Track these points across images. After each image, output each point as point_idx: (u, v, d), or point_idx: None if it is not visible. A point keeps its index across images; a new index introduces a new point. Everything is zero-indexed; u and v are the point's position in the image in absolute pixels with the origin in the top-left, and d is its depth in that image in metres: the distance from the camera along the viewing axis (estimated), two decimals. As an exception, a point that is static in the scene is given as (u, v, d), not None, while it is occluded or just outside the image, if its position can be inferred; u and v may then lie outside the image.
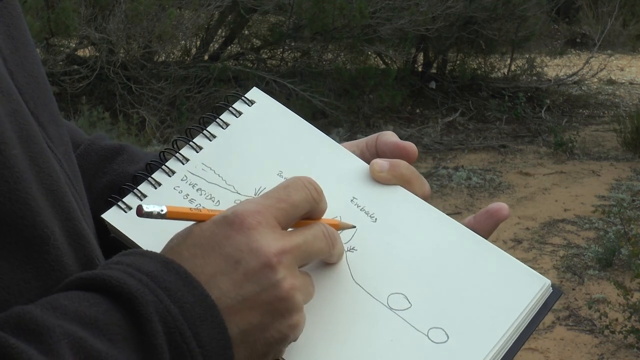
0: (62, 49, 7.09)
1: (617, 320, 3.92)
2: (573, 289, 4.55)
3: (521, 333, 0.74)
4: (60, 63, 6.86)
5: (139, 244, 0.77)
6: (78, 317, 0.58)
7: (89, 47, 7.40)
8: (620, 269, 4.75)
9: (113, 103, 7.02)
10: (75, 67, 6.99)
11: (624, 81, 10.83)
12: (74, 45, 7.28)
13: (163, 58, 7.65)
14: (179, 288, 0.61)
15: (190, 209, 0.67)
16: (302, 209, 0.69)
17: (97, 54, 6.97)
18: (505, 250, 0.78)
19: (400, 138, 0.85)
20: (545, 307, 0.76)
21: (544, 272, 4.71)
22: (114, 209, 0.80)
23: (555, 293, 0.77)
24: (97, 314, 0.58)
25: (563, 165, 7.08)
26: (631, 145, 7.33)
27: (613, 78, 10.75)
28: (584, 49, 11.64)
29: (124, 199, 0.80)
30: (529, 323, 0.74)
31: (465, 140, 7.89)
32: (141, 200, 0.80)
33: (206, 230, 0.65)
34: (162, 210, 0.65)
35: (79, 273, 0.62)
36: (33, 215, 0.59)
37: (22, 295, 0.59)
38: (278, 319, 0.65)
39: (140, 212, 0.64)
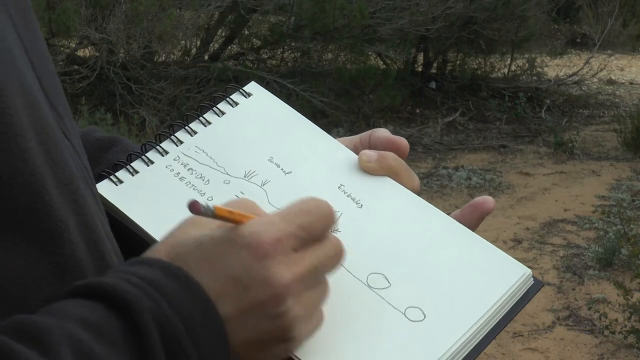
0: (62, 49, 7.09)
1: (617, 320, 3.92)
2: (573, 289, 4.55)
3: (499, 320, 0.75)
4: (61, 63, 6.85)
5: (127, 214, 0.80)
6: (80, 319, 0.57)
7: (89, 47, 7.40)
8: (620, 269, 4.75)
9: (113, 103, 7.02)
10: (76, 67, 6.99)
11: (624, 81, 10.83)
12: (74, 46, 7.28)
13: (163, 58, 7.65)
14: (178, 293, 0.60)
15: (232, 211, 0.64)
16: (317, 238, 0.66)
17: (97, 54, 6.97)
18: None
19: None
20: (526, 298, 0.77)
21: (544, 272, 4.71)
22: (105, 181, 0.82)
23: (536, 284, 0.78)
24: (98, 318, 0.58)
25: (563, 165, 7.08)
26: (631, 145, 7.33)
27: (613, 78, 10.75)
28: (584, 49, 11.64)
29: (116, 173, 0.83)
30: (507, 311, 0.75)
31: (465, 140, 7.89)
32: (133, 175, 0.83)
33: (219, 245, 0.63)
34: (211, 208, 0.62)
35: (77, 281, 0.61)
36: (47, 208, 0.59)
37: (40, 291, 0.59)
38: (276, 344, 0.64)
39: (196, 208, 0.61)
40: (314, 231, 0.66)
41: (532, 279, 0.78)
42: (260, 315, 0.62)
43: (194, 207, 0.61)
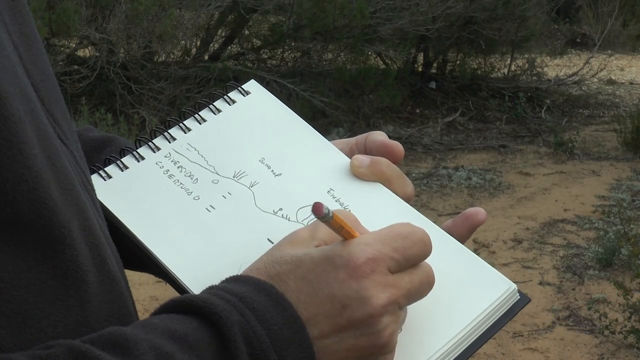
0: (62, 49, 7.09)
1: (617, 320, 3.92)
2: (573, 289, 4.55)
3: (481, 334, 0.73)
4: (61, 63, 6.86)
5: (111, 209, 0.80)
6: (168, 331, 0.59)
7: (89, 47, 7.40)
8: (620, 269, 4.75)
9: (113, 103, 7.02)
10: (76, 67, 6.99)
11: (624, 81, 10.83)
12: (74, 46, 7.28)
13: (163, 58, 7.65)
14: (267, 309, 0.62)
15: (344, 224, 0.66)
16: (412, 263, 0.68)
17: (97, 54, 6.97)
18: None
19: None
20: (511, 312, 0.75)
21: (544, 272, 4.71)
22: (94, 176, 0.82)
23: (523, 299, 0.76)
24: (186, 330, 0.60)
25: (563, 165, 7.08)
26: (631, 145, 7.33)
27: (613, 78, 10.75)
28: (584, 49, 11.65)
29: (105, 168, 0.83)
30: (490, 325, 0.74)
31: (465, 140, 7.89)
32: (122, 171, 0.83)
33: (318, 265, 0.65)
34: (331, 214, 0.63)
35: (172, 298, 0.64)
36: (50, 214, 0.59)
37: (40, 294, 0.59)
38: (374, 358, 0.66)
39: (318, 210, 0.62)
40: (409, 256, 0.68)
41: (518, 294, 0.76)
42: (358, 333, 0.65)
43: (317, 208, 0.62)
